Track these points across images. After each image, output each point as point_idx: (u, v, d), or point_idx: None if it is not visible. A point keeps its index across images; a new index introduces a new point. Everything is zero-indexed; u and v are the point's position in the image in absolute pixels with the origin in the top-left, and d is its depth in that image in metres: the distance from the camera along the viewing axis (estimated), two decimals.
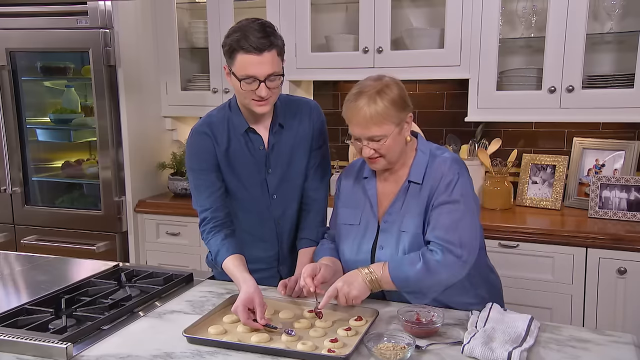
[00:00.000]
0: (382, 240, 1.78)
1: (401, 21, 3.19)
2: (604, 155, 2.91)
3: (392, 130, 1.69)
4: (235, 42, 1.78)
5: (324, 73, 3.17)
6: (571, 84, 2.68)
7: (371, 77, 1.75)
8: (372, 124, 1.66)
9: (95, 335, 1.61)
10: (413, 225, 1.73)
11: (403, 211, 1.76)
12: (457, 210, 1.69)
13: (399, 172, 1.81)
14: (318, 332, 1.59)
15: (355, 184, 1.90)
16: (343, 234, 1.87)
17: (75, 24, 3.18)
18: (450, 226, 1.68)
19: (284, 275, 2.06)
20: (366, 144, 1.70)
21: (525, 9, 2.89)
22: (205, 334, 1.59)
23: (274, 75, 1.81)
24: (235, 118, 1.97)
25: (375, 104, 1.66)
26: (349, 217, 1.87)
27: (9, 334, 1.55)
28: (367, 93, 1.67)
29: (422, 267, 1.65)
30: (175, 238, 3.31)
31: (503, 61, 2.93)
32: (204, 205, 1.97)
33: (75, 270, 2.28)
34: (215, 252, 1.91)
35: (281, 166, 2.01)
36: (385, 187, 1.83)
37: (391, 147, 1.71)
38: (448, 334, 1.57)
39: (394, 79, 1.74)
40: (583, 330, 1.57)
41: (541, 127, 3.11)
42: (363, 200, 1.85)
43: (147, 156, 3.46)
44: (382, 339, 1.48)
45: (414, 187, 1.76)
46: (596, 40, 2.84)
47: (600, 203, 2.76)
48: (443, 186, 1.71)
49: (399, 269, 1.67)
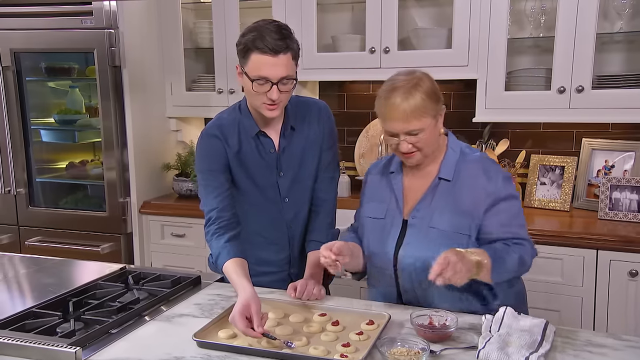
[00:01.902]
0: (409, 236, 1.76)
1: (408, 21, 3.16)
2: (614, 156, 2.89)
3: (430, 123, 1.68)
4: (251, 41, 1.75)
5: (331, 73, 3.15)
6: (581, 84, 2.66)
7: (402, 72, 1.74)
8: (412, 117, 1.65)
9: (104, 339, 1.59)
10: (444, 222, 1.72)
11: (432, 207, 1.75)
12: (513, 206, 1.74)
13: (427, 168, 1.80)
14: (329, 336, 1.57)
15: (382, 178, 1.89)
16: (367, 227, 1.86)
17: (80, 25, 3.16)
18: (516, 222, 1.74)
19: (295, 278, 2.04)
20: (404, 139, 1.69)
21: (534, 8, 2.86)
22: (215, 338, 1.57)
23: (287, 78, 1.79)
24: (246, 121, 1.96)
25: (413, 98, 1.65)
26: (373, 211, 1.86)
27: (17, 338, 1.53)
28: (402, 88, 1.66)
29: (518, 257, 1.68)
30: (180, 239, 3.29)
31: (511, 61, 2.91)
32: (210, 205, 1.94)
33: (82, 272, 2.26)
34: (217, 254, 1.87)
35: (292, 169, 2.00)
36: (412, 183, 1.82)
37: (428, 140, 1.70)
38: (462, 338, 1.55)
39: (425, 73, 1.74)
40: (599, 335, 1.55)
41: (549, 128, 3.08)
42: (389, 195, 1.84)
43: (152, 157, 3.44)
44: (395, 343, 1.46)
45: (444, 184, 1.75)
46: (605, 39, 2.82)
47: (611, 204, 2.73)
48: (494, 184, 1.72)
49: (498, 258, 1.64)
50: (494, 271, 1.62)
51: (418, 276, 1.73)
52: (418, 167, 1.80)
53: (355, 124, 3.44)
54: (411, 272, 1.75)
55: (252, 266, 1.88)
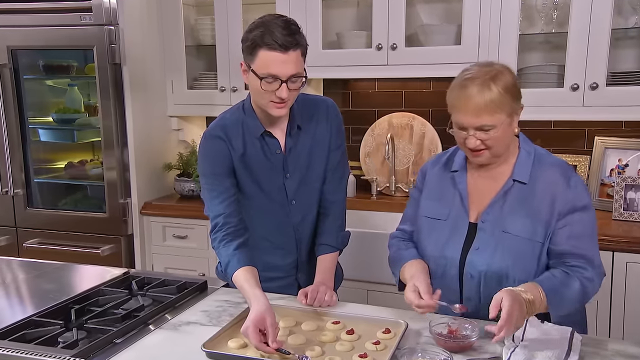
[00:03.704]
0: (480, 240, 1.65)
1: (415, 17, 3.09)
2: (627, 154, 2.82)
3: (504, 120, 1.56)
4: (259, 37, 1.67)
5: (336, 70, 3.07)
6: (595, 81, 2.59)
7: (480, 63, 1.63)
8: (485, 112, 1.54)
9: (108, 350, 1.52)
10: (518, 227, 1.61)
11: (505, 211, 1.64)
12: (589, 218, 1.62)
13: (498, 169, 1.68)
14: (345, 346, 1.50)
15: (444, 176, 1.78)
16: (426, 228, 1.75)
17: (79, 21, 3.08)
18: (588, 235, 1.60)
19: (302, 284, 1.97)
20: (472, 134, 1.58)
21: (546, 3, 2.79)
22: (225, 348, 1.50)
23: (297, 76, 1.71)
24: (250, 121, 1.88)
25: (489, 91, 1.53)
26: (434, 211, 1.75)
27: (17, 349, 1.47)
28: (479, 79, 1.55)
29: (579, 288, 1.54)
30: (182, 241, 3.22)
31: (522, 58, 2.83)
32: (217, 211, 1.85)
33: (83, 277, 2.18)
34: (226, 263, 1.79)
35: (300, 170, 1.92)
36: (479, 184, 1.71)
37: (500, 139, 1.58)
38: (484, 348, 1.47)
39: (505, 66, 1.62)
40: (627, 344, 1.48)
41: (560, 126, 3.01)
42: (452, 195, 1.73)
43: (153, 157, 3.36)
44: (415, 354, 1.39)
45: (519, 186, 1.65)
46: (619, 35, 2.75)
47: (625, 205, 2.67)
48: (571, 193, 1.61)
49: (556, 292, 1.52)
50: (551, 305, 1.53)
51: (487, 284, 1.63)
52: (486, 167, 1.69)
53: (360, 122, 3.37)
54: (480, 280, 1.64)
55: (259, 272, 1.80)
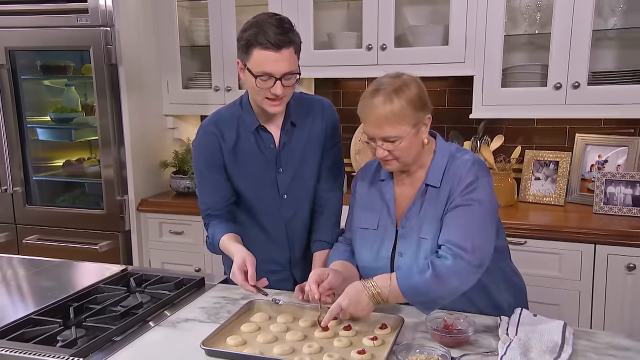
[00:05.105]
0: (401, 246, 1.61)
1: (404, 18, 3.03)
2: (607, 151, 2.79)
3: (408, 131, 1.51)
4: (253, 36, 1.62)
5: (327, 70, 3.00)
6: (577, 80, 2.55)
7: (389, 75, 1.57)
8: (387, 124, 1.49)
9: (107, 348, 1.45)
10: (433, 231, 1.56)
11: (422, 216, 1.58)
12: (472, 212, 1.52)
13: (416, 174, 1.63)
14: (342, 342, 1.44)
15: (372, 186, 1.72)
16: (360, 239, 1.71)
17: (75, 22, 2.98)
18: (463, 230, 1.50)
19: (298, 279, 1.92)
20: (380, 145, 1.53)
21: (529, 5, 2.75)
22: (224, 345, 1.43)
23: (290, 73, 1.67)
24: (247, 116, 1.83)
25: (391, 103, 1.48)
26: (365, 221, 1.70)
27: (15, 349, 1.40)
28: (383, 91, 1.50)
29: (432, 275, 1.46)
30: (178, 237, 3.14)
31: (507, 58, 2.78)
32: (207, 203, 1.90)
33: (82, 275, 2.10)
34: (212, 234, 1.86)
35: (293, 165, 1.86)
36: (402, 190, 1.66)
37: (406, 149, 1.53)
38: (479, 342, 1.42)
39: (413, 77, 1.57)
40: (620, 337, 1.43)
41: (542, 124, 2.98)
42: (380, 204, 1.68)
43: (149, 155, 3.28)
44: (412, 349, 1.34)
45: (432, 190, 1.58)
46: (599, 36, 2.71)
47: (605, 199, 2.63)
48: (460, 188, 1.53)
49: (409, 279, 1.49)
50: (405, 292, 1.48)
51: None
52: (407, 173, 1.64)
53: (351, 120, 3.26)
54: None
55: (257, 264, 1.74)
